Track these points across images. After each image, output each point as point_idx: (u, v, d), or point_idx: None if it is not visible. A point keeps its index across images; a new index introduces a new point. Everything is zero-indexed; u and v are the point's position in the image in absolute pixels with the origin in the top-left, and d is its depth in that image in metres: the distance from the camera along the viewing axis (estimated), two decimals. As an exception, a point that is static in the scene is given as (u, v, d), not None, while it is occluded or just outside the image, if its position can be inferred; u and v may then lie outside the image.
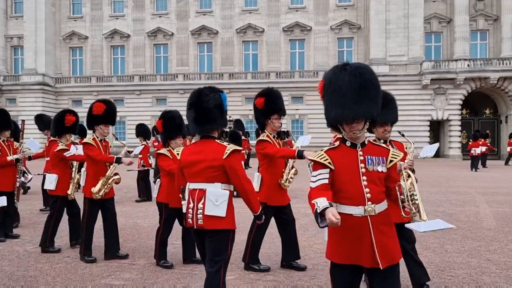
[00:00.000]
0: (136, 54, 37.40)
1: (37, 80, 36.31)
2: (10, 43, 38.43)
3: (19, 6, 37.93)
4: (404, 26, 30.79)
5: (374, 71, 2.63)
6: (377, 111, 2.50)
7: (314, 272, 4.51)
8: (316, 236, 6.20)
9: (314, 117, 33.67)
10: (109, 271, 4.56)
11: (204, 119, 3.25)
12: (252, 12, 35.96)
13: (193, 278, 4.32)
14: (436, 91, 30.57)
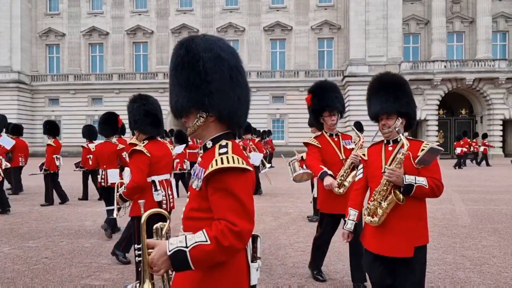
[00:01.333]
0: (115, 52, 36.89)
1: (12, 78, 35.42)
2: (-16, 39, 37.39)
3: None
4: (383, 27, 31.25)
5: None
6: None
7: (294, 270, 4.56)
8: (296, 235, 6.26)
9: (295, 117, 33.86)
10: (89, 271, 4.51)
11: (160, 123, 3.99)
12: (233, 11, 35.92)
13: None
14: (414, 91, 31.01)
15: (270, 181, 11.69)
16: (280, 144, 31.72)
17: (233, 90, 1.69)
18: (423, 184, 2.53)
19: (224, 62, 1.69)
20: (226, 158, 1.54)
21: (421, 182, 2.52)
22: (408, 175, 2.55)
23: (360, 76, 31.32)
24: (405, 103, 2.76)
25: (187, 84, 1.69)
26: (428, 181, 2.54)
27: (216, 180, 1.54)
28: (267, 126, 32.63)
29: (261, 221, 7.30)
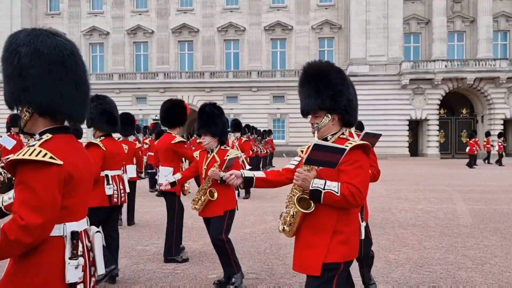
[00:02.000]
0: (116, 52, 36.89)
1: (13, 77, 35.42)
2: (-15, 39, 37.41)
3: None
4: (384, 27, 31.23)
5: None
6: None
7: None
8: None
9: (295, 116, 33.82)
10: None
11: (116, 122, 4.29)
12: (233, 11, 35.90)
13: (175, 277, 4.30)
14: (414, 91, 31.10)
15: None
16: (281, 144, 31.68)
17: (53, 85, 1.67)
18: (333, 191, 2.10)
19: (42, 57, 1.67)
20: (28, 150, 1.55)
21: (332, 188, 2.11)
22: (318, 179, 2.16)
23: (360, 76, 31.29)
24: (328, 96, 2.35)
25: (7, 78, 1.70)
26: (342, 188, 2.11)
27: (18, 172, 1.55)
28: (268, 125, 32.59)
29: (262, 221, 7.28)
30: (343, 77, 2.47)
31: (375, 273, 4.42)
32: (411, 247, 5.52)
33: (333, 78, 2.42)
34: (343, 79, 2.46)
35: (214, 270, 4.54)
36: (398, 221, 7.24)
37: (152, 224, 6.98)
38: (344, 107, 2.39)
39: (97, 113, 4.11)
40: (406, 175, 16.83)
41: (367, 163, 2.27)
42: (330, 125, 2.40)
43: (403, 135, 31.40)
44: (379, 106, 30.89)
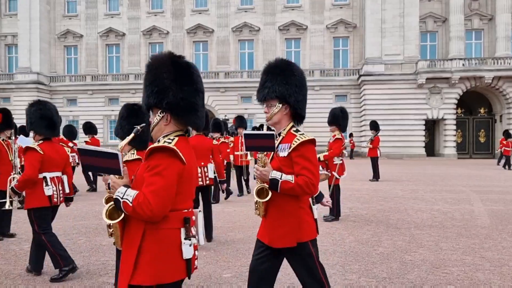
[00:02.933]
0: (131, 53, 37.28)
1: (31, 78, 36.11)
2: (4, 41, 38.19)
3: (13, 4, 37.70)
4: (400, 25, 30.90)
5: None
6: None
7: (310, 270, 4.54)
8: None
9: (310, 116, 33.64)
10: (106, 269, 4.57)
11: None
12: (248, 11, 35.95)
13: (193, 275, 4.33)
14: (431, 90, 30.70)
15: None
16: (295, 144, 31.55)
17: None
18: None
19: None
20: None
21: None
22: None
23: (376, 75, 31.05)
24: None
25: None
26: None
27: None
28: (282, 125, 32.50)
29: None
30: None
31: (390, 274, 4.39)
32: (427, 248, 5.46)
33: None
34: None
35: (228, 269, 4.56)
36: (414, 222, 7.16)
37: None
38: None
39: (36, 118, 4.34)
40: (423, 175, 16.62)
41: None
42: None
43: (419, 135, 31.02)
44: (395, 106, 30.59)
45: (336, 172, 7.24)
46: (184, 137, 2.13)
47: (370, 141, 14.92)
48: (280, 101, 2.61)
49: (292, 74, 2.66)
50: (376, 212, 8.12)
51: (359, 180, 14.55)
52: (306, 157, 2.49)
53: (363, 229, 6.62)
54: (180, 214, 2.01)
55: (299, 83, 2.67)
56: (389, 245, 5.58)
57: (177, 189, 1.96)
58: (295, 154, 2.50)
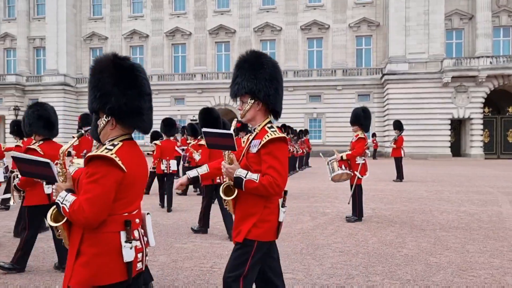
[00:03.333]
0: (155, 54, 37.80)
1: (58, 80, 37.05)
2: (33, 44, 39.29)
3: (41, 8, 38.75)
4: (424, 23, 30.34)
5: None
6: None
7: (332, 271, 4.51)
8: (334, 235, 6.18)
9: (332, 116, 33.50)
10: (130, 267, 4.65)
11: None
12: (269, 11, 35.95)
13: (213, 275, 4.36)
14: (457, 89, 30.03)
15: None
16: (318, 144, 31.44)
17: None
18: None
19: None
20: None
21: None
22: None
23: (399, 74, 30.59)
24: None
25: None
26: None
27: None
28: (304, 125, 32.43)
29: (298, 221, 7.26)
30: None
31: (414, 276, 4.32)
32: (453, 250, 5.35)
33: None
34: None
35: (250, 269, 4.57)
36: (439, 223, 7.02)
37: (190, 223, 7.10)
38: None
39: (34, 119, 4.46)
40: (448, 176, 16.28)
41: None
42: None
43: (444, 135, 30.40)
44: (419, 105, 30.07)
45: (358, 172, 7.17)
46: (130, 141, 2.12)
47: (394, 141, 14.70)
48: (252, 97, 2.51)
49: (261, 68, 2.52)
50: (400, 213, 8.00)
51: (382, 180, 14.36)
52: (274, 156, 2.39)
53: (386, 230, 6.53)
54: (120, 218, 2.00)
55: (269, 76, 2.52)
56: (414, 247, 5.49)
57: (118, 195, 1.96)
58: (263, 151, 2.41)
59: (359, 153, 7.15)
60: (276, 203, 2.50)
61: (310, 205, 8.97)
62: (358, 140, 7.25)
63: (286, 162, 2.45)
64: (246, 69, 2.53)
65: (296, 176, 16.55)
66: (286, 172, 2.44)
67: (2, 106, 36.63)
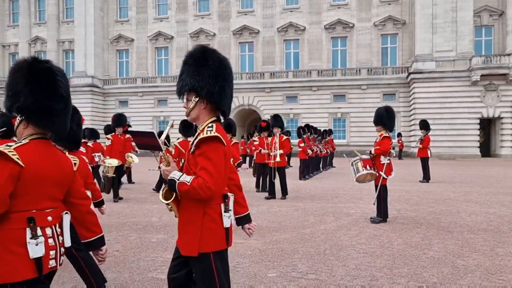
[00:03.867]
0: (179, 55, 38.22)
1: (86, 82, 37.95)
2: (62, 47, 40.37)
3: (70, 12, 39.79)
4: (452, 20, 29.64)
5: None
6: None
7: (356, 272, 4.47)
8: (358, 236, 6.12)
9: (357, 116, 33.14)
10: (155, 265, 4.72)
11: None
12: (293, 11, 35.84)
13: (236, 275, 4.39)
14: (486, 87, 29.21)
15: None
16: (342, 144, 31.16)
17: None
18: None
19: None
20: None
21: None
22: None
23: (426, 73, 30.01)
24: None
25: None
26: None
27: None
28: (328, 125, 32.19)
29: (322, 221, 7.22)
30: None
31: (441, 278, 4.24)
32: (481, 253, 5.21)
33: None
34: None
35: (273, 269, 4.58)
36: (467, 225, 6.85)
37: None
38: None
39: None
40: (477, 176, 15.86)
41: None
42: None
43: (473, 135, 29.62)
44: (447, 104, 29.41)
45: (383, 172, 7.08)
46: (41, 140, 2.12)
47: (420, 141, 14.43)
48: (197, 95, 2.39)
49: (205, 64, 2.38)
50: (427, 215, 7.85)
51: (408, 181, 14.11)
52: (207, 156, 2.25)
53: (412, 231, 6.42)
54: (23, 215, 1.99)
55: (213, 73, 2.37)
56: (440, 249, 5.38)
57: (18, 190, 1.96)
58: (197, 152, 2.30)
59: (386, 149, 7.04)
60: (216, 209, 2.36)
61: (334, 206, 8.91)
62: (382, 139, 7.16)
63: (219, 163, 2.28)
64: (190, 65, 2.42)
65: (320, 176, 16.45)
66: (220, 174, 2.28)
67: (33, 107, 37.76)
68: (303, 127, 16.40)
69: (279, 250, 5.35)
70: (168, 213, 7.95)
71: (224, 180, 2.37)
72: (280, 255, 5.10)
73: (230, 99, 2.49)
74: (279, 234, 6.22)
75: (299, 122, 32.67)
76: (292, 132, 24.77)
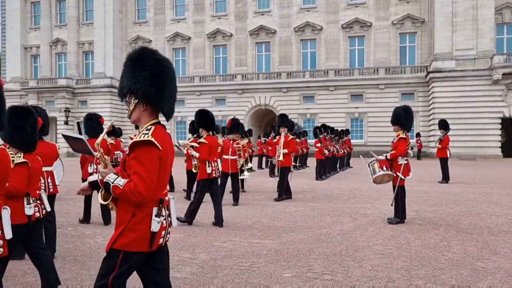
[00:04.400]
0: (196, 56, 38.48)
1: (105, 83, 38.51)
2: (82, 48, 41.04)
3: (90, 14, 40.42)
4: (473, 18, 29.07)
5: None
6: None
7: (373, 274, 4.43)
8: (375, 237, 6.06)
9: (375, 115, 32.81)
10: (172, 264, 4.76)
11: None
12: (310, 10, 35.69)
13: (251, 275, 4.40)
14: (508, 86, 28.56)
15: None
16: (359, 144, 30.90)
17: None
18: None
19: None
20: None
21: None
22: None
23: (446, 72, 29.51)
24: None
25: None
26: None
27: None
28: (345, 125, 31.96)
29: (338, 222, 7.17)
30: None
31: (460, 281, 4.16)
32: (502, 255, 5.10)
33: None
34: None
35: (289, 269, 4.57)
36: (487, 227, 6.72)
37: (230, 222, 7.19)
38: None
39: None
40: (498, 177, 15.53)
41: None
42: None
43: (494, 134, 28.99)
44: (468, 104, 28.87)
45: (401, 172, 7.00)
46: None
47: (439, 141, 14.21)
48: (135, 97, 2.37)
49: (140, 66, 2.37)
50: (445, 216, 7.73)
51: (427, 181, 13.91)
52: (139, 160, 2.23)
53: (430, 233, 6.32)
54: None
55: (149, 74, 2.35)
56: (459, 251, 5.29)
57: None
58: (131, 155, 2.28)
59: (401, 153, 6.99)
60: (147, 212, 2.33)
61: (350, 206, 8.85)
62: (399, 140, 7.08)
63: (152, 168, 2.25)
64: (128, 67, 2.41)
65: (337, 176, 16.35)
66: (152, 178, 2.25)
67: (54, 108, 38.50)
68: (320, 127, 16.34)
69: (295, 250, 5.34)
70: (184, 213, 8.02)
71: (158, 184, 2.33)
72: (295, 255, 5.09)
73: (171, 100, 2.48)
74: (295, 234, 6.21)
75: (316, 122, 32.51)
76: (309, 132, 24.68)
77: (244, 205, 9.05)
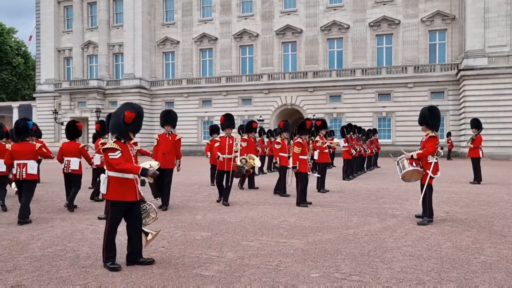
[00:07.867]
0: (223, 56, 38.75)
1: (134, 84, 39.30)
2: (112, 50, 42.00)
3: (120, 16, 41.35)
4: (506, 14, 28.16)
5: None
6: None
7: (402, 275, 4.36)
8: (404, 238, 5.96)
9: (403, 115, 32.23)
10: (200, 262, 4.82)
11: None
12: (337, 9, 35.39)
13: (278, 274, 4.41)
14: (544, 84, 27.53)
15: None
16: (387, 144, 30.42)
17: None
18: None
19: None
20: None
21: None
22: None
23: (478, 69, 28.70)
24: None
25: None
26: None
27: None
28: (373, 124, 31.53)
29: (366, 222, 7.09)
30: None
31: (493, 284, 4.05)
32: (538, 259, 4.93)
33: None
34: None
35: (316, 269, 4.56)
36: (522, 230, 6.50)
37: (257, 221, 7.21)
38: None
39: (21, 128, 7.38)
40: (534, 178, 14.98)
41: None
42: None
43: (530, 134, 28.00)
44: (500, 102, 28.00)
45: (430, 171, 6.87)
46: None
47: (471, 141, 13.82)
48: None
49: None
50: (478, 217, 7.52)
51: (458, 182, 13.56)
52: None
53: (462, 235, 6.17)
54: None
55: None
56: (493, 254, 5.14)
57: None
58: None
59: (430, 152, 6.85)
60: None
61: (378, 206, 8.72)
62: (428, 139, 6.96)
63: None
64: None
65: (364, 176, 16.15)
66: None
67: (86, 108, 39.57)
68: (347, 127, 16.17)
69: (322, 250, 5.31)
70: (212, 211, 8.09)
71: None
72: (323, 255, 5.07)
73: None
74: (322, 234, 6.18)
75: (342, 122, 32.23)
76: (336, 131, 24.45)
77: (271, 205, 9.06)
